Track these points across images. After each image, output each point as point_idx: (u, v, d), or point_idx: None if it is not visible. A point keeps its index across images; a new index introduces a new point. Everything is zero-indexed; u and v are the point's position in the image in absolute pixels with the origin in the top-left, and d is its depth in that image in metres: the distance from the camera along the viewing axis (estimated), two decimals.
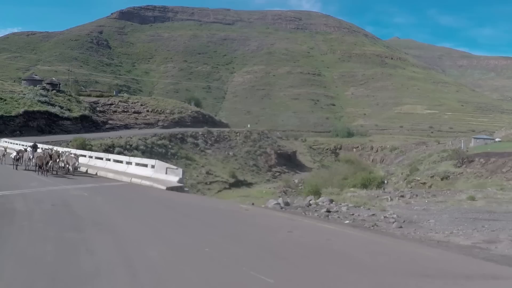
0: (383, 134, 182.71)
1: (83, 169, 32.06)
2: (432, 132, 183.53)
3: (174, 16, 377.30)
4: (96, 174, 29.64)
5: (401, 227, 18.92)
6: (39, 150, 35.87)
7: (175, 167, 25.78)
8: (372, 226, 18.54)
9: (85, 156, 35.12)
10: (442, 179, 66.86)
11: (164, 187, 23.09)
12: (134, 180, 25.80)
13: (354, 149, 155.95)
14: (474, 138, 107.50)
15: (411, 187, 60.72)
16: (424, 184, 65.88)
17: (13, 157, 32.60)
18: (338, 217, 22.24)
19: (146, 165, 27.74)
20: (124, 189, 22.97)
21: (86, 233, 12.59)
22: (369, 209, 25.37)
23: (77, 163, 30.15)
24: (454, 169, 70.68)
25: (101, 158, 32.73)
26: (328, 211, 24.30)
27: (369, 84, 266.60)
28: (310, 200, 32.23)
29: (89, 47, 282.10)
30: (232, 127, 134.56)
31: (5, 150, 37.41)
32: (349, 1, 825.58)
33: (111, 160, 31.61)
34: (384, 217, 21.87)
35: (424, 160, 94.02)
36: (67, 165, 30.68)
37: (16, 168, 32.28)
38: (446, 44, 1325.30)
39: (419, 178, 71.76)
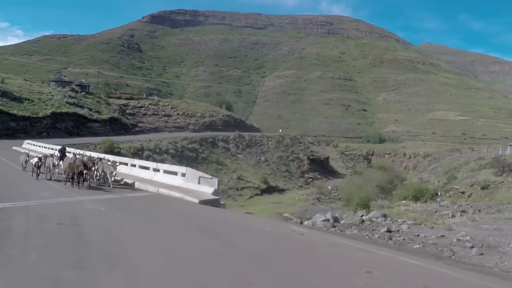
0: (415, 140, 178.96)
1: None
2: (464, 139, 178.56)
3: (205, 20, 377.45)
4: (122, 181, 25.94)
5: (482, 253, 16.57)
6: (69, 155, 31.20)
7: (209, 176, 21.90)
8: (450, 254, 16.19)
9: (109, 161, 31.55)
10: (482, 188, 62.57)
11: (196, 200, 19.29)
12: (162, 190, 22.00)
13: (386, 156, 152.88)
14: (510, 145, 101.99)
15: (449, 196, 57.68)
16: (463, 194, 61.98)
17: (34, 163, 26.98)
18: (403, 239, 19.57)
19: (175, 173, 23.84)
20: (149, 202, 19.19)
21: (92, 271, 9.06)
22: (432, 227, 22.78)
23: (114, 172, 24.32)
24: (495, 178, 66.21)
25: (126, 164, 29.07)
26: (389, 231, 21.61)
27: (401, 89, 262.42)
28: (362, 216, 28.42)
29: (120, 51, 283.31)
30: (263, 131, 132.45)
31: (28, 156, 30.77)
32: (380, 6, 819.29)
33: (137, 166, 27.81)
34: (457, 239, 19.23)
35: (460, 168, 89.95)
36: (102, 174, 25.87)
37: (37, 178, 26.63)
38: (478, 49, 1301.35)
39: (457, 187, 67.41)
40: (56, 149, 44.50)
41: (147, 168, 26.75)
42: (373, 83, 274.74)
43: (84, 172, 23.35)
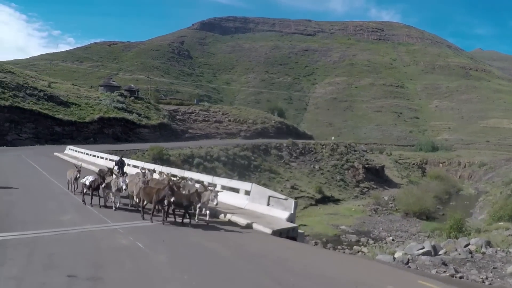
0: (468, 149, 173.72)
1: None
2: None
3: (255, 27, 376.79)
4: None
5: None
6: (129, 171, 25.60)
7: (282, 197, 16.43)
8: None
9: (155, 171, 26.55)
10: None
11: (268, 230, 13.97)
12: (221, 212, 16.92)
13: (441, 164, 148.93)
14: None
15: None
16: None
17: (87, 182, 18.32)
18: None
19: (237, 190, 18.68)
20: (204, 232, 14.02)
21: None
22: None
23: (216, 201, 15.40)
24: None
25: (175, 176, 24.18)
26: None
27: (453, 96, 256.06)
28: (467, 246, 22.65)
29: (170, 57, 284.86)
30: (315, 139, 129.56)
31: (79, 171, 20.93)
32: (430, 12, 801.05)
33: (188, 178, 22.94)
34: None
35: None
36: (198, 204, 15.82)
37: (90, 204, 18.14)
38: None
39: None
40: (103, 157, 40.31)
41: (200, 182, 21.73)
42: (425, 90, 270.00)
43: (172, 200, 14.51)
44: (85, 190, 18.58)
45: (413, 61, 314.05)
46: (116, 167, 25.06)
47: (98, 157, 40.90)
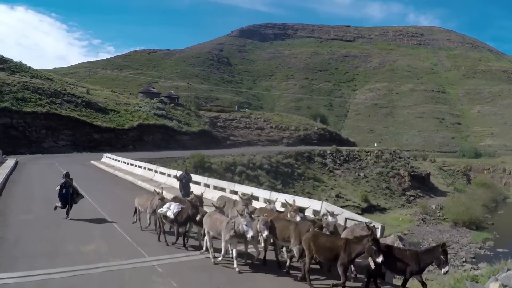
0: None
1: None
2: None
3: (294, 33, 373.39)
4: None
5: None
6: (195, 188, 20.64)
7: (365, 219, 12.55)
8: None
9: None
10: None
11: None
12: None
13: (485, 171, 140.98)
14: None
15: None
16: None
17: (169, 214, 12.79)
18: None
19: (301, 209, 14.80)
20: (266, 270, 10.35)
21: None
22: None
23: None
24: None
25: (224, 189, 20.56)
26: None
27: (496, 101, 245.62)
28: None
29: (210, 65, 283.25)
30: (358, 145, 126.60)
31: (162, 200, 13.64)
32: (469, 16, 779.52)
33: (238, 192, 19.27)
34: None
35: None
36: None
37: (184, 245, 12.92)
38: None
39: None
40: (141, 166, 37.13)
41: (254, 198, 18.03)
42: (467, 95, 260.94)
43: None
44: (163, 225, 13.57)
45: (454, 66, 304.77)
46: (179, 183, 20.16)
47: (136, 166, 37.93)
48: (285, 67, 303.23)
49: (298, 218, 11.73)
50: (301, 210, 14.62)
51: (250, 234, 10.28)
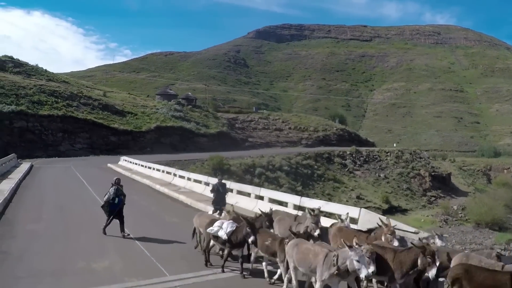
0: None
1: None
2: None
3: (310, 34, 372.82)
4: None
5: None
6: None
7: (411, 229, 10.82)
8: None
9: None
10: None
11: None
12: None
13: (505, 171, 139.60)
14: None
15: None
16: None
17: (221, 234, 10.62)
18: None
19: (332, 214, 13.14)
20: None
21: None
22: None
23: None
24: None
25: (248, 195, 18.96)
26: None
27: None
28: None
29: (227, 66, 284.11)
30: (377, 146, 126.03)
31: (236, 220, 11.21)
32: (485, 14, 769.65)
33: (265, 198, 17.71)
34: None
35: None
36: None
37: (241, 274, 10.36)
38: None
39: None
40: (159, 169, 35.92)
41: (281, 203, 16.50)
42: (485, 94, 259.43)
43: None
44: (210, 246, 11.63)
45: (471, 65, 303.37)
46: (211, 193, 16.66)
47: (154, 169, 36.88)
48: (302, 68, 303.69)
49: (396, 243, 9.17)
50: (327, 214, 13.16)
51: (364, 274, 7.54)
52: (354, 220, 12.69)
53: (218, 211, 15.14)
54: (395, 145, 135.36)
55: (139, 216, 17.31)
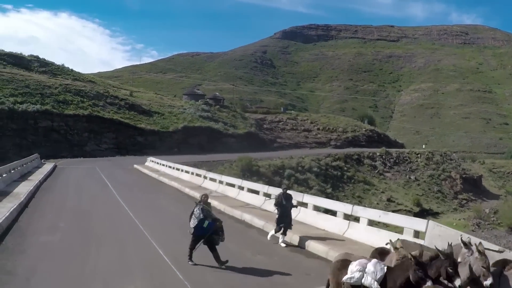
0: None
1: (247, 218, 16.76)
2: None
3: (337, 34, 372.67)
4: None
5: None
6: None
7: (495, 247, 8.39)
8: None
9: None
10: None
11: None
12: None
13: None
14: None
15: None
16: None
17: (373, 283, 6.67)
18: None
19: (395, 228, 11.10)
20: None
21: None
22: None
23: None
24: None
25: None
26: None
27: None
28: None
29: (253, 67, 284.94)
30: (406, 147, 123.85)
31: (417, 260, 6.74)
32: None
33: (309, 206, 15.61)
34: None
35: None
36: None
37: None
38: None
39: None
40: (188, 171, 34.39)
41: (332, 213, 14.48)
42: None
43: None
44: None
45: (500, 65, 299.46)
46: (275, 209, 13.79)
47: (182, 171, 35.46)
48: (329, 69, 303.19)
49: (489, 281, 6.51)
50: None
51: None
52: (420, 234, 10.63)
53: (282, 230, 13.11)
54: (424, 146, 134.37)
55: (168, 226, 15.38)
